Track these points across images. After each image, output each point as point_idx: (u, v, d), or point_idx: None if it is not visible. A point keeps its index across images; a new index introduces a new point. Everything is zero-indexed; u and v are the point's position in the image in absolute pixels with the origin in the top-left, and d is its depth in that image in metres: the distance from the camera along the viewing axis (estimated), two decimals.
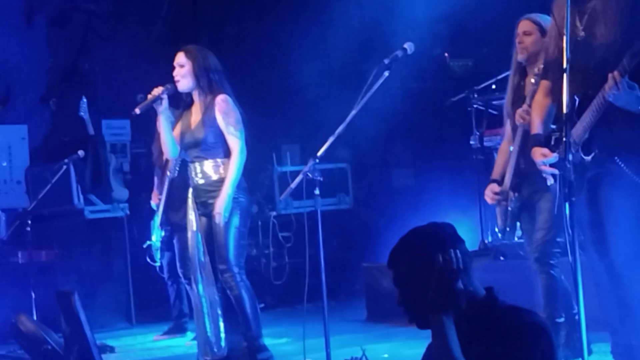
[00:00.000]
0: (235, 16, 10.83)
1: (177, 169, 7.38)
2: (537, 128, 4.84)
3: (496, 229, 7.91)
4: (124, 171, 9.83)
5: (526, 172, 5.57)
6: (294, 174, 6.43)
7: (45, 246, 8.98)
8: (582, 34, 4.51)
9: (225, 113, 6.21)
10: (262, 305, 9.54)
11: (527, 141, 5.39)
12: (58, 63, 10.54)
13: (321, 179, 5.59)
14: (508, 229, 5.79)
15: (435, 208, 8.76)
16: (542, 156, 4.62)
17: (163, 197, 7.73)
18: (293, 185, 5.55)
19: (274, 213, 9.79)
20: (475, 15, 9.18)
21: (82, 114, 9.09)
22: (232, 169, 6.23)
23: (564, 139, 3.91)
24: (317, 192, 5.54)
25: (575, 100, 4.35)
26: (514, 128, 5.71)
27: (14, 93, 9.63)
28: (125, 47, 10.38)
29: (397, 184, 10.69)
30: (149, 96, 6.26)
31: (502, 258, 7.65)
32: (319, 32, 9.86)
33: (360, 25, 9.66)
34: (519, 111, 5.53)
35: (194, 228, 6.36)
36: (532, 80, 5.48)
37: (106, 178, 9.39)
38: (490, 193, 5.77)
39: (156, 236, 7.93)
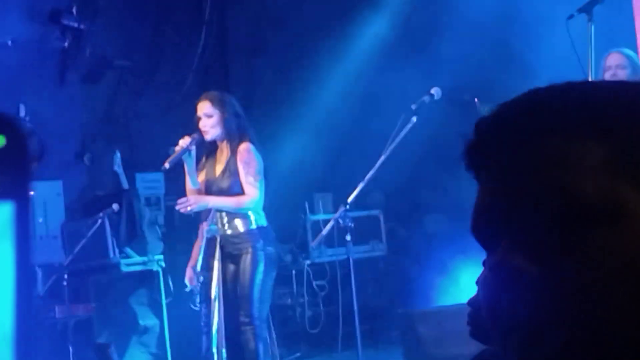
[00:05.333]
0: (266, 68, 10.93)
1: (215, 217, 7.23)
2: None
3: None
4: (159, 224, 9.89)
5: None
6: (327, 222, 6.43)
7: (82, 300, 9.04)
8: None
9: (246, 162, 6.09)
10: (298, 354, 9.56)
11: None
12: (91, 119, 10.68)
13: (352, 225, 5.62)
14: None
15: (470, 253, 8.74)
16: None
17: (203, 243, 7.58)
18: (324, 232, 5.59)
19: (308, 262, 9.80)
20: (505, 61, 9.21)
21: (116, 168, 9.18)
22: (238, 200, 6.09)
23: None
24: (348, 238, 5.57)
25: None
26: None
27: (48, 149, 9.75)
28: (157, 101, 10.51)
29: (431, 229, 10.67)
30: (177, 148, 6.19)
31: None
32: (349, 81, 9.93)
33: (391, 71, 9.72)
34: None
35: (215, 280, 6.28)
36: None
37: (141, 231, 9.46)
38: None
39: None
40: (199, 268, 7.47)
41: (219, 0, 10.96)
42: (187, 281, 7.70)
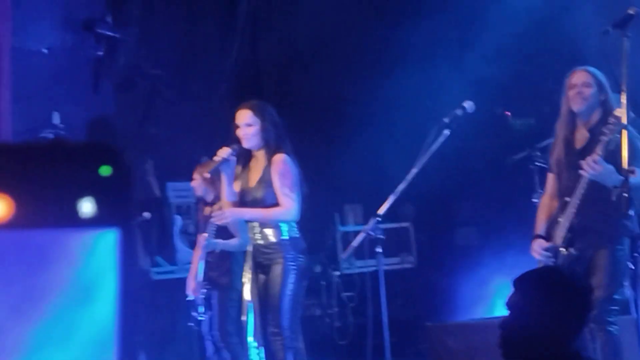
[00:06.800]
0: (299, 78, 10.95)
1: (214, 230, 7.14)
2: None
3: None
4: (189, 232, 9.91)
5: (582, 228, 5.46)
6: (357, 234, 6.42)
7: None
8: None
9: (282, 174, 6.08)
10: None
11: (591, 194, 5.31)
12: (124, 127, 10.73)
13: (383, 237, 5.61)
14: None
15: (500, 266, 8.71)
16: None
17: (202, 255, 7.49)
18: (355, 243, 5.59)
19: (338, 273, 9.79)
20: (537, 74, 9.18)
21: (147, 176, 9.22)
22: (275, 212, 6.06)
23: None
24: (379, 250, 5.56)
25: None
26: (564, 180, 5.59)
27: None
28: (189, 110, 10.54)
29: (461, 242, 10.63)
30: (216, 158, 6.19)
31: None
32: (381, 92, 9.92)
33: (423, 83, 9.71)
34: (588, 160, 5.36)
35: (247, 293, 6.27)
36: (606, 131, 5.34)
37: (171, 239, 9.49)
38: (538, 249, 5.61)
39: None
40: (200, 278, 7.45)
41: (251, 10, 10.99)
42: (189, 292, 7.67)
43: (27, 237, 1.15)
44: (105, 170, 1.09)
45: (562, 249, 5.51)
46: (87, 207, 1.10)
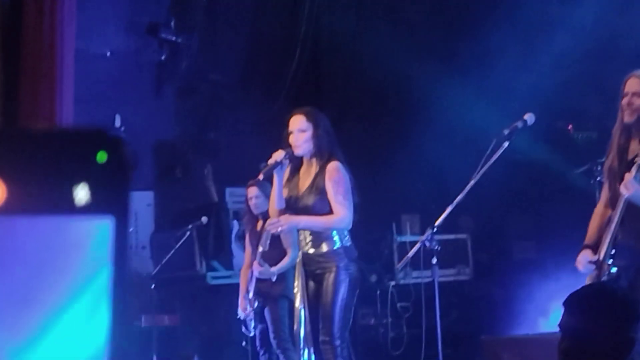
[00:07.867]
0: (359, 87, 10.95)
1: (269, 242, 7.10)
2: None
3: None
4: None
5: (623, 245, 5.26)
6: (414, 244, 6.36)
7: (168, 310, 9.14)
8: None
9: (336, 182, 5.96)
10: None
11: (630, 212, 5.12)
12: (185, 132, 10.81)
13: (438, 249, 5.57)
14: None
15: (558, 282, 8.61)
16: None
17: (253, 281, 7.49)
18: (410, 254, 5.55)
19: (393, 282, 9.76)
20: (600, 87, 9.08)
21: (206, 181, 9.27)
22: (329, 219, 5.97)
23: None
24: (434, 261, 5.52)
25: None
26: (614, 190, 5.36)
27: (141, 161, 9.92)
28: (248, 117, 10.59)
29: (519, 256, 10.54)
30: (270, 161, 6.12)
31: None
32: (441, 102, 9.89)
33: (484, 94, 9.66)
34: (625, 181, 5.12)
35: (298, 302, 6.22)
36: None
37: (228, 245, 9.53)
38: (583, 261, 5.38)
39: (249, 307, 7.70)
40: (251, 295, 7.51)
41: (313, 17, 11.01)
42: (240, 310, 7.69)
43: (19, 224, 1.15)
44: (101, 157, 1.06)
45: (605, 264, 5.26)
46: (81, 194, 1.08)
